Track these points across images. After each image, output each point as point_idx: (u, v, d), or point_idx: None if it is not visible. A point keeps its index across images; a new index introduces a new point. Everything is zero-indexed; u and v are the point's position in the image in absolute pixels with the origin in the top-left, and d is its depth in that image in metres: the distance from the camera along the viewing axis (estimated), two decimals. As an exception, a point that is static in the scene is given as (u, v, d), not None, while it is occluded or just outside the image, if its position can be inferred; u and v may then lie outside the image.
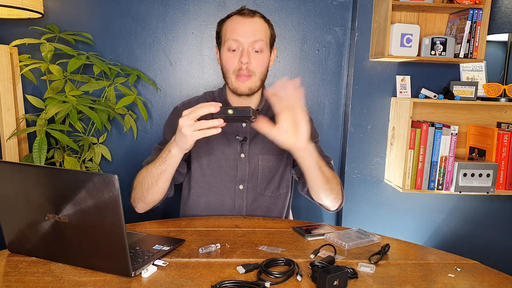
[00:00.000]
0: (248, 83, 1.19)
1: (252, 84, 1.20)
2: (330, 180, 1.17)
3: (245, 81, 1.19)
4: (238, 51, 1.18)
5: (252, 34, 1.17)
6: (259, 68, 1.20)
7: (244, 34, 1.17)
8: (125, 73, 1.81)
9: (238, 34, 1.18)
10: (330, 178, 1.17)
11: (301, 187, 1.30)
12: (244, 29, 1.18)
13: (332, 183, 1.18)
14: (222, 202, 1.28)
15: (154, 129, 1.95)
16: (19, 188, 0.84)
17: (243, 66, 1.17)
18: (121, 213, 0.77)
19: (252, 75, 1.19)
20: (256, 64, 1.19)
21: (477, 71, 1.96)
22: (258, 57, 1.19)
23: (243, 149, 1.27)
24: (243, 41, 1.17)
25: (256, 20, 1.20)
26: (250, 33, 1.17)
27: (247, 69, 1.17)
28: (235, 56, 1.18)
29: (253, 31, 1.18)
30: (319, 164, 1.11)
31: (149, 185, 1.13)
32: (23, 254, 0.90)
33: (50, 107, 1.52)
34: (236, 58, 1.18)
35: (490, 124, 1.98)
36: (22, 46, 1.75)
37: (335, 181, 1.20)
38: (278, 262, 0.89)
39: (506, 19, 1.75)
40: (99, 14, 1.85)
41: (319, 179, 1.14)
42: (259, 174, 1.28)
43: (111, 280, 0.80)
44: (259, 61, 1.19)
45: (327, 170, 1.16)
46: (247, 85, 1.20)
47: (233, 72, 1.19)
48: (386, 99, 1.97)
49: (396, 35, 1.79)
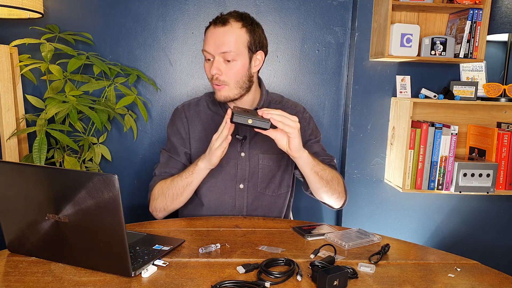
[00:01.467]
0: (223, 92, 1.20)
1: (227, 93, 1.20)
2: (329, 182, 1.19)
3: (220, 90, 1.20)
4: (211, 61, 1.19)
5: (220, 46, 1.15)
6: (232, 78, 1.18)
7: (213, 44, 1.16)
8: (125, 73, 1.81)
9: (207, 45, 1.18)
10: (329, 180, 1.18)
11: (305, 187, 1.32)
12: (213, 41, 1.17)
13: (332, 185, 1.20)
14: (223, 201, 1.28)
15: (154, 129, 1.95)
16: (19, 188, 0.84)
17: (214, 76, 1.18)
18: (121, 213, 0.77)
19: (226, 85, 1.19)
20: (227, 74, 1.17)
21: (477, 71, 1.96)
22: (230, 67, 1.17)
23: (243, 148, 1.28)
24: (212, 52, 1.17)
25: (226, 30, 1.15)
26: (218, 45, 1.15)
27: (217, 79, 1.18)
28: (210, 64, 1.19)
29: (222, 43, 1.15)
30: (315, 170, 1.16)
31: (174, 196, 1.21)
32: (23, 254, 0.90)
33: (50, 107, 1.52)
34: (209, 68, 1.19)
35: (490, 124, 1.98)
36: (22, 46, 1.74)
37: (336, 182, 1.21)
38: (278, 262, 0.89)
39: (506, 19, 1.75)
40: (99, 14, 1.85)
41: (318, 183, 1.18)
42: (259, 173, 1.28)
43: (111, 280, 0.80)
44: (231, 71, 1.17)
45: (325, 174, 1.18)
46: (222, 93, 1.20)
47: (210, 80, 1.22)
48: (386, 99, 1.96)
49: (396, 35, 1.79)
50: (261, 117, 1.03)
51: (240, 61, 1.18)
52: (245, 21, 1.18)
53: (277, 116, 1.04)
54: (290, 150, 1.09)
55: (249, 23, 1.19)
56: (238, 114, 1.02)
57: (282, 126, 1.04)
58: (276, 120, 1.03)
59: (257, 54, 1.22)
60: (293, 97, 1.97)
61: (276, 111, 1.05)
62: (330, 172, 1.20)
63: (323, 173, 1.17)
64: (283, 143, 1.09)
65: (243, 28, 1.17)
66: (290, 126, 1.04)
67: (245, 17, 1.20)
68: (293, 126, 1.04)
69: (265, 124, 1.03)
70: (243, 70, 1.19)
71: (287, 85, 1.98)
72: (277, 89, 1.96)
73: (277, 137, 1.08)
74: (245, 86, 1.22)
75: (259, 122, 1.03)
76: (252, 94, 1.27)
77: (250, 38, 1.18)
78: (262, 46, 1.23)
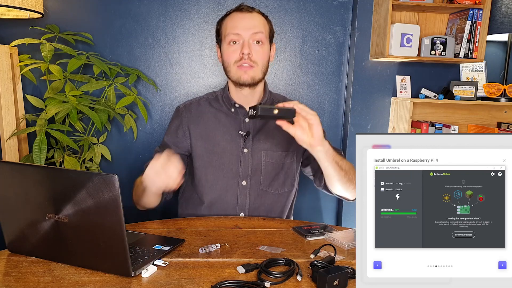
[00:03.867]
0: (251, 73, 1.22)
1: (255, 74, 1.23)
2: (348, 172, 1.17)
3: (247, 71, 1.22)
4: (239, 43, 1.22)
5: (251, 27, 1.22)
6: (261, 59, 1.23)
7: (244, 27, 1.22)
8: (125, 73, 1.81)
9: (238, 28, 1.22)
10: (347, 170, 1.17)
11: (318, 182, 1.31)
12: (244, 23, 1.22)
13: (350, 175, 1.18)
14: (225, 198, 1.27)
15: (154, 129, 1.95)
16: (19, 188, 0.84)
17: (244, 56, 1.21)
18: (121, 213, 0.77)
19: (255, 65, 1.22)
20: (257, 54, 1.22)
21: (477, 71, 1.96)
22: (259, 48, 1.23)
23: (246, 144, 1.27)
24: (243, 34, 1.21)
25: (254, 15, 1.25)
26: (249, 26, 1.22)
27: (249, 59, 1.21)
28: (237, 48, 1.22)
29: (253, 24, 1.22)
30: (336, 159, 1.14)
31: (139, 195, 1.19)
32: (23, 254, 0.90)
33: (50, 107, 1.52)
34: (238, 50, 1.22)
35: (490, 124, 1.98)
36: (22, 46, 1.74)
37: (353, 172, 1.20)
38: (278, 262, 0.89)
39: (506, 19, 1.75)
40: (99, 14, 1.85)
41: (338, 174, 1.16)
42: (262, 170, 1.28)
43: (111, 280, 0.80)
44: (260, 52, 1.23)
45: (344, 164, 1.17)
46: (250, 74, 1.22)
47: (235, 62, 1.23)
48: (386, 99, 1.97)
49: (396, 35, 1.79)
50: (284, 107, 1.03)
51: (266, 46, 1.26)
52: (263, 14, 1.29)
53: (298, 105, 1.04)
54: (313, 140, 1.06)
55: (266, 16, 1.29)
56: (263, 107, 1.01)
57: (305, 114, 1.03)
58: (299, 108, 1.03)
59: (273, 45, 1.31)
60: (293, 97, 1.97)
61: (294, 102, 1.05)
62: (347, 163, 1.20)
63: (342, 163, 1.16)
64: (304, 137, 1.06)
65: (264, 18, 1.28)
66: (311, 113, 1.04)
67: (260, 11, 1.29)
68: (314, 114, 1.05)
69: (291, 113, 1.02)
70: (268, 54, 1.27)
71: (287, 85, 1.98)
72: (277, 89, 1.96)
73: (297, 133, 1.06)
74: (265, 72, 1.27)
75: (284, 111, 1.02)
76: (260, 87, 1.31)
77: (270, 28, 1.29)
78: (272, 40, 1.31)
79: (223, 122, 1.29)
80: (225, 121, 1.29)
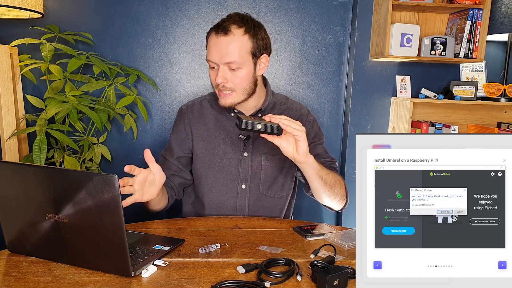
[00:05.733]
0: (229, 99, 1.20)
1: (233, 100, 1.21)
2: (333, 186, 1.18)
3: (226, 97, 1.20)
4: (216, 69, 1.19)
5: (224, 54, 1.14)
6: (239, 85, 1.18)
7: (217, 55, 1.16)
8: (125, 73, 1.81)
9: (211, 55, 1.17)
10: (332, 184, 1.18)
11: (306, 188, 1.31)
12: (217, 50, 1.16)
13: (335, 188, 1.19)
14: (224, 202, 1.28)
15: (154, 129, 1.95)
16: (19, 188, 0.84)
17: (220, 85, 1.18)
18: (121, 213, 0.77)
19: (232, 92, 1.19)
20: (233, 81, 1.18)
21: (477, 71, 1.96)
22: (235, 75, 1.17)
23: (246, 147, 1.28)
24: (217, 61, 1.17)
25: (229, 39, 1.14)
26: (222, 53, 1.15)
27: (224, 87, 1.18)
28: (215, 73, 1.19)
29: (226, 52, 1.14)
30: (320, 174, 1.15)
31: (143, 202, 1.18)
32: (23, 254, 0.90)
33: (50, 107, 1.52)
34: (215, 75, 1.19)
35: (490, 124, 1.98)
36: (22, 46, 1.74)
37: (338, 186, 1.21)
38: (278, 262, 0.89)
39: (506, 19, 1.75)
40: (99, 14, 1.85)
41: (321, 187, 1.17)
42: (262, 174, 1.28)
43: (111, 280, 0.80)
44: (237, 78, 1.17)
45: (329, 178, 1.17)
46: (228, 101, 1.20)
47: (216, 86, 1.21)
48: (386, 99, 1.97)
49: (396, 35, 1.79)
50: (269, 122, 1.03)
51: (245, 68, 1.17)
52: (247, 26, 1.16)
53: (285, 121, 1.03)
54: (297, 155, 1.07)
55: (251, 27, 1.17)
56: (246, 120, 1.02)
57: (291, 130, 1.03)
58: (285, 124, 1.03)
59: (262, 58, 1.21)
60: (293, 97, 1.96)
61: (282, 116, 1.05)
62: (334, 176, 1.20)
63: (327, 177, 1.17)
64: (289, 149, 1.07)
65: (245, 34, 1.16)
66: (298, 130, 1.04)
67: (246, 21, 1.18)
68: (300, 130, 1.04)
69: (274, 129, 1.03)
70: (249, 76, 1.19)
71: (287, 85, 1.98)
72: (277, 89, 1.96)
73: (282, 144, 1.06)
74: (251, 91, 1.22)
75: (268, 127, 1.03)
76: (256, 96, 1.27)
77: (253, 44, 1.17)
78: (265, 49, 1.22)
79: (224, 124, 1.29)
80: (225, 124, 1.29)
